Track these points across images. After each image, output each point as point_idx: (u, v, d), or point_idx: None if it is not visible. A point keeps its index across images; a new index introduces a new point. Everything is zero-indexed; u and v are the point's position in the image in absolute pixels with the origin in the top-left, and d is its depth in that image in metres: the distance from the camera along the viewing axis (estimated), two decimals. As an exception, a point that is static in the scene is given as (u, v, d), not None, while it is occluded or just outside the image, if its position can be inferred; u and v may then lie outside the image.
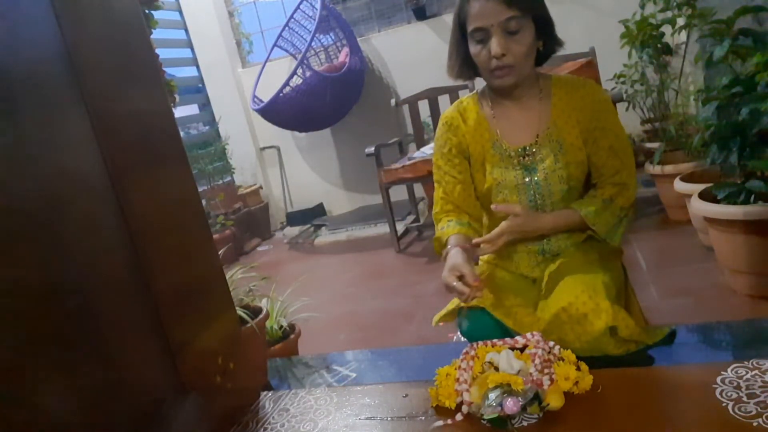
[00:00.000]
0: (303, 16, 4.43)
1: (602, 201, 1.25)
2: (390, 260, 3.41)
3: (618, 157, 1.26)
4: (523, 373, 0.99)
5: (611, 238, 1.26)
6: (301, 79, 3.93)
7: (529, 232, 1.26)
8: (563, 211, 1.26)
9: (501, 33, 1.15)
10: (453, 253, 1.20)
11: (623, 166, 1.26)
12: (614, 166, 1.26)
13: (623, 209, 1.27)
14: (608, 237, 1.25)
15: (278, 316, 2.12)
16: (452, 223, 1.31)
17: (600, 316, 1.10)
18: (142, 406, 1.02)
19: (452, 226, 1.30)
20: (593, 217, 1.23)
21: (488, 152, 1.30)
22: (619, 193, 1.26)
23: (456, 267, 1.15)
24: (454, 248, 1.22)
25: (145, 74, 1.14)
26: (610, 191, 1.26)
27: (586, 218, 1.23)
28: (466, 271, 1.13)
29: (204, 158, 4.23)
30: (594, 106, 1.26)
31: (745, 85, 1.75)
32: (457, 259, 1.18)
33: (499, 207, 1.23)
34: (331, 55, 4.64)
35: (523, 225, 1.22)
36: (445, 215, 1.35)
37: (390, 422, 1.06)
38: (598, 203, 1.25)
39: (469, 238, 1.27)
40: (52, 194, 0.88)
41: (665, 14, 2.66)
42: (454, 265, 1.16)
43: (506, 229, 1.21)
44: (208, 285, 1.25)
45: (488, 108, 1.32)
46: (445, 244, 1.29)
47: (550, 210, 1.28)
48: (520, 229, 1.22)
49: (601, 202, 1.25)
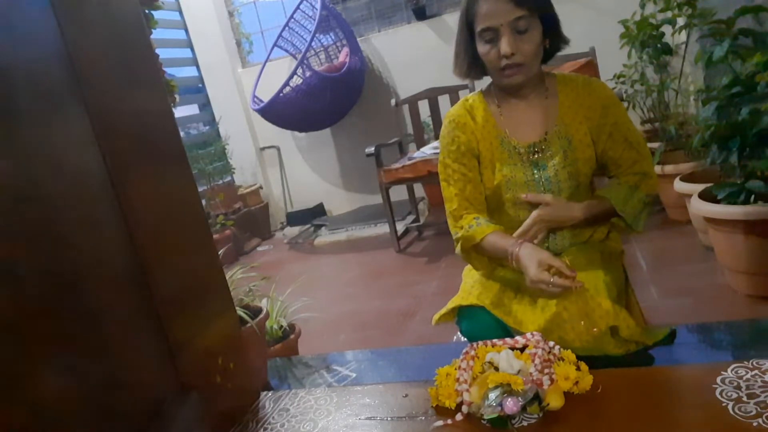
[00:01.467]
0: (303, 16, 4.43)
1: (628, 188, 1.26)
2: (390, 260, 3.41)
3: (634, 148, 1.27)
4: (523, 373, 0.99)
5: (636, 224, 1.26)
6: (301, 79, 3.93)
7: (561, 221, 1.24)
8: (593, 201, 1.27)
9: (510, 32, 1.16)
10: (529, 250, 1.15)
11: (640, 156, 1.27)
12: (631, 157, 1.27)
13: (648, 196, 1.28)
14: (634, 224, 1.25)
15: (278, 316, 2.12)
16: (482, 221, 1.27)
17: (601, 315, 1.10)
18: (142, 406, 1.02)
19: (484, 224, 1.26)
20: (622, 204, 1.23)
21: (497, 150, 1.30)
22: (642, 180, 1.27)
23: (544, 261, 1.11)
24: (522, 245, 1.17)
25: (145, 74, 1.14)
26: (633, 179, 1.27)
27: (616, 206, 1.22)
28: (558, 263, 1.10)
29: (204, 158, 4.23)
30: (603, 102, 1.26)
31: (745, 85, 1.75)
32: (539, 253, 1.13)
33: (530, 196, 1.23)
34: (331, 55, 4.64)
35: (555, 213, 1.21)
36: (465, 212, 1.30)
37: (390, 422, 1.06)
38: (624, 190, 1.25)
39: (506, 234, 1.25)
40: (52, 194, 0.88)
41: (665, 14, 2.66)
42: (541, 259, 1.11)
43: (538, 218, 1.20)
44: (208, 285, 1.25)
45: (495, 106, 1.32)
46: (480, 243, 1.25)
47: None
48: (551, 218, 1.21)
49: (627, 189, 1.25)
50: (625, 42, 2.81)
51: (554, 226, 1.25)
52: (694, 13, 2.48)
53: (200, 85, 4.77)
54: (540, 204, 1.22)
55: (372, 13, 4.46)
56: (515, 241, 1.19)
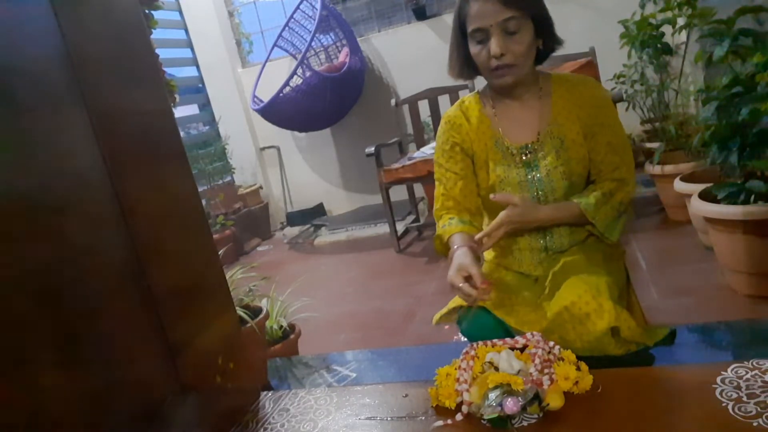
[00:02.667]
0: (303, 16, 4.43)
1: (602, 194, 1.24)
2: (390, 260, 3.41)
3: (617, 153, 1.26)
4: (523, 373, 0.99)
5: (610, 233, 1.25)
6: (301, 79, 3.93)
7: (528, 222, 1.24)
8: (562, 203, 1.26)
9: (500, 33, 1.16)
10: (460, 253, 1.18)
11: (622, 162, 1.27)
12: (613, 162, 1.26)
13: (622, 204, 1.27)
14: (607, 232, 1.25)
15: (278, 316, 2.12)
16: (454, 221, 1.30)
17: (602, 316, 1.10)
18: (142, 405, 1.02)
19: (454, 224, 1.29)
20: (593, 211, 1.22)
21: (491, 150, 1.30)
22: (619, 188, 1.26)
23: (463, 267, 1.13)
24: (461, 248, 1.20)
25: (145, 74, 1.14)
26: (609, 186, 1.26)
27: (586, 211, 1.22)
28: (474, 272, 1.12)
29: (204, 158, 4.23)
30: (593, 102, 1.26)
31: (745, 85, 1.75)
32: (464, 258, 1.16)
33: (497, 197, 1.23)
34: (331, 55, 4.64)
35: (522, 215, 1.21)
36: (446, 212, 1.33)
37: (390, 422, 1.05)
38: (597, 196, 1.24)
39: (472, 236, 1.26)
40: (52, 194, 0.88)
41: (665, 14, 2.66)
42: (461, 265, 1.14)
43: (504, 219, 1.20)
44: (208, 285, 1.25)
45: (490, 107, 1.33)
46: (446, 243, 1.28)
47: None
48: (518, 219, 1.21)
49: (600, 196, 1.24)
50: (625, 42, 2.81)
51: (521, 227, 1.25)
52: (694, 13, 2.48)
53: (200, 85, 4.77)
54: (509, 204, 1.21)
55: (372, 13, 4.46)
56: (461, 243, 1.22)
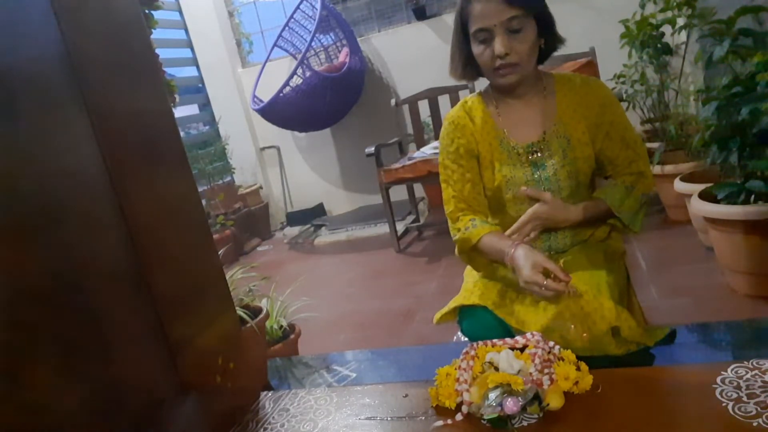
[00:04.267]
0: (303, 16, 4.43)
1: (624, 188, 1.27)
2: (390, 260, 3.41)
3: (630, 147, 1.28)
4: (523, 373, 0.99)
5: (633, 224, 1.27)
6: (301, 79, 3.93)
7: (557, 221, 1.24)
8: (590, 202, 1.27)
9: (503, 32, 1.16)
10: (525, 252, 1.14)
11: (637, 155, 1.28)
12: (628, 156, 1.28)
13: (644, 195, 1.29)
14: (631, 224, 1.26)
15: (278, 316, 2.12)
16: (478, 222, 1.28)
17: (603, 315, 1.10)
18: (142, 406, 1.01)
19: (480, 225, 1.27)
20: (618, 205, 1.24)
21: (496, 150, 1.30)
22: (638, 180, 1.28)
23: (539, 263, 1.10)
24: (518, 247, 1.16)
25: (145, 74, 1.14)
26: (629, 180, 1.28)
27: (612, 207, 1.23)
28: (552, 266, 1.09)
29: (204, 158, 4.23)
30: (600, 101, 1.27)
31: (745, 85, 1.75)
32: (534, 255, 1.13)
33: (529, 191, 1.23)
34: (331, 55, 4.64)
35: (551, 212, 1.22)
36: (462, 214, 1.31)
37: (390, 422, 1.05)
38: (621, 191, 1.26)
39: (503, 234, 1.25)
40: (51, 194, 0.88)
41: (665, 14, 2.66)
42: (536, 262, 1.11)
43: (533, 215, 1.20)
44: (208, 285, 1.25)
45: (493, 107, 1.32)
46: (476, 244, 1.26)
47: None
48: (547, 216, 1.21)
49: (623, 190, 1.26)
50: (625, 42, 2.81)
51: (549, 225, 1.25)
52: (694, 13, 2.48)
53: (200, 85, 4.77)
54: (539, 200, 1.23)
55: (372, 13, 4.46)
56: (512, 242, 1.19)
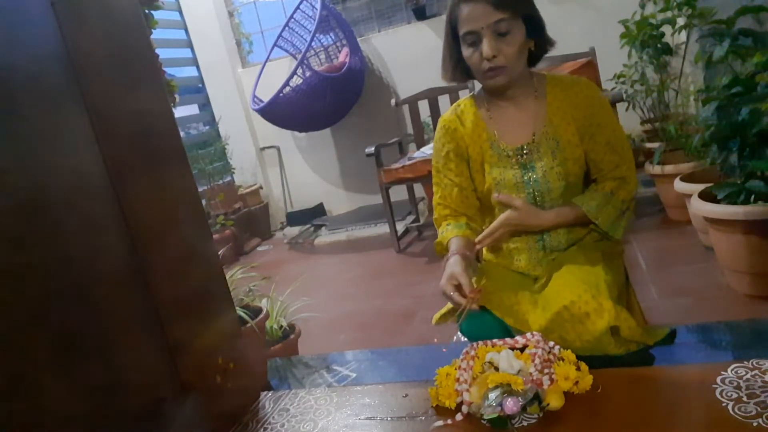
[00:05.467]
0: (303, 16, 4.43)
1: (603, 195, 1.26)
2: (390, 260, 3.41)
3: (616, 152, 1.27)
4: (523, 373, 0.99)
5: (614, 231, 1.26)
6: (301, 79, 3.93)
7: (529, 227, 1.26)
8: (564, 208, 1.27)
9: (491, 35, 1.17)
10: (452, 261, 1.20)
11: (622, 160, 1.28)
12: (612, 161, 1.27)
13: (624, 202, 1.28)
14: (611, 231, 1.26)
15: (278, 316, 2.12)
16: (450, 227, 1.32)
17: (602, 315, 1.10)
18: (142, 405, 1.02)
19: (451, 230, 1.32)
20: (595, 212, 1.24)
21: (486, 153, 1.31)
22: (620, 186, 1.27)
23: (453, 276, 1.15)
24: (453, 256, 1.22)
25: (145, 74, 1.14)
26: (610, 185, 1.27)
27: (588, 213, 1.23)
28: (464, 281, 1.14)
29: (204, 158, 4.23)
30: (588, 102, 1.27)
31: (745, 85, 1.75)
32: (455, 267, 1.17)
33: (500, 197, 1.24)
34: (331, 55, 4.64)
35: (522, 219, 1.23)
36: (443, 219, 1.36)
37: (390, 422, 1.06)
38: (599, 197, 1.26)
39: (469, 239, 1.28)
40: (52, 194, 0.88)
41: (665, 14, 2.66)
42: (452, 273, 1.16)
43: (504, 221, 1.22)
44: (208, 285, 1.25)
45: (485, 109, 1.33)
46: (446, 248, 1.29)
47: (549, 207, 1.28)
48: (518, 222, 1.23)
49: (602, 196, 1.26)
50: (625, 42, 2.81)
51: (522, 230, 1.28)
52: (694, 13, 2.48)
53: (200, 85, 4.77)
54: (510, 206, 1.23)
55: (372, 13, 4.46)
56: (454, 250, 1.23)
